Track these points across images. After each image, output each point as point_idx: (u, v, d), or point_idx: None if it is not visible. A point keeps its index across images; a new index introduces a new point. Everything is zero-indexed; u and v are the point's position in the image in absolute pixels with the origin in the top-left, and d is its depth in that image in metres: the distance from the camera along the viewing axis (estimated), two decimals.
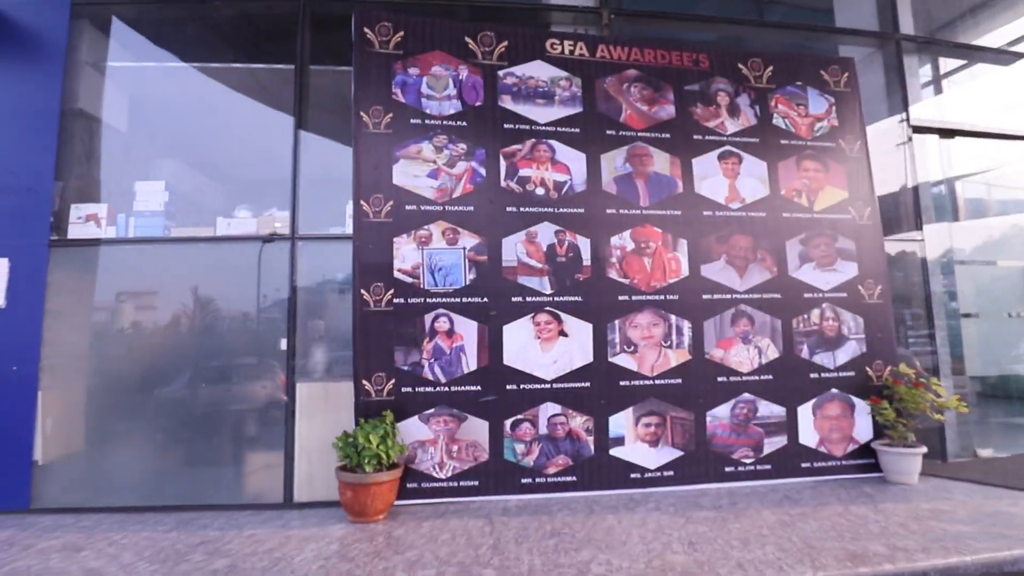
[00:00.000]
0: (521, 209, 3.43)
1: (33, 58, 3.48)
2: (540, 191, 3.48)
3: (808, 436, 3.54)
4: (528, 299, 3.35)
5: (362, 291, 3.20)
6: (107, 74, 3.82)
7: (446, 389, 3.21)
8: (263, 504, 3.20)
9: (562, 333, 3.36)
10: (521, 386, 3.28)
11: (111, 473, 3.29)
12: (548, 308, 3.37)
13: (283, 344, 3.35)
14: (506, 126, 3.50)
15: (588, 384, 3.34)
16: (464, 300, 3.29)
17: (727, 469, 3.40)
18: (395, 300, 3.22)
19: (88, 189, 3.63)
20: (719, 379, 3.49)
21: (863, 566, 2.16)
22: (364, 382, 3.14)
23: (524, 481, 3.20)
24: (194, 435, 3.39)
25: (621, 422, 3.35)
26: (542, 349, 3.33)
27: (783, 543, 2.42)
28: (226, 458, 3.40)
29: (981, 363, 4.52)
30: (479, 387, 3.24)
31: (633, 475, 3.30)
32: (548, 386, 3.30)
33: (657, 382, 3.42)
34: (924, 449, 3.34)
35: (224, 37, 4.15)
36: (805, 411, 3.57)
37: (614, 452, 3.31)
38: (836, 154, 3.96)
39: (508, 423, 3.24)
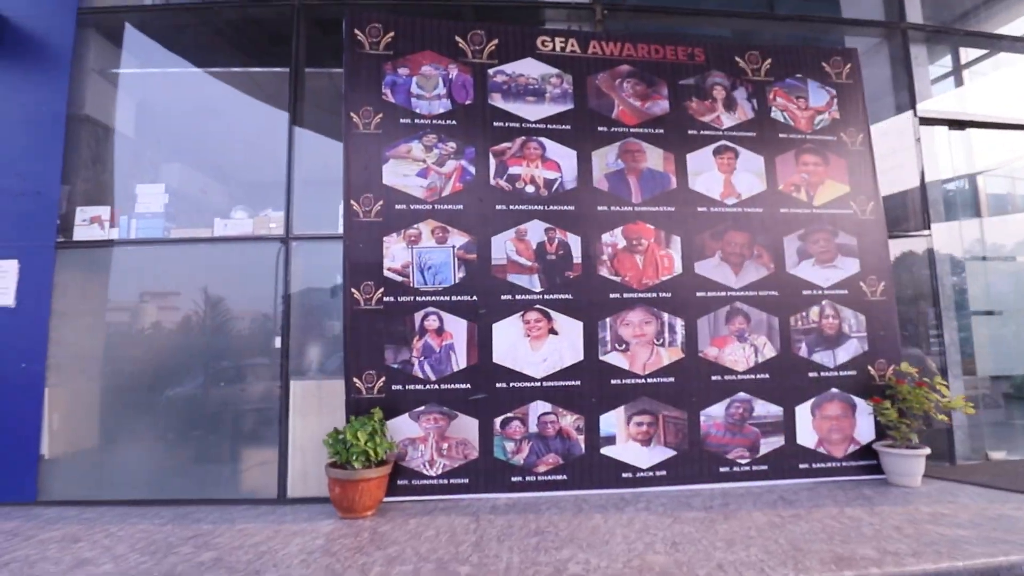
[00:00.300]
0: (511, 207, 3.43)
1: (41, 65, 3.60)
2: (530, 189, 3.47)
3: (807, 436, 3.46)
4: (518, 297, 3.34)
5: (352, 290, 3.23)
6: (111, 80, 3.94)
7: (436, 387, 3.22)
8: (258, 499, 3.26)
9: (552, 331, 3.34)
10: (511, 384, 3.27)
11: (114, 468, 3.39)
12: (538, 306, 3.36)
13: (277, 343, 3.41)
14: (496, 124, 3.50)
15: (579, 382, 3.32)
16: (453, 298, 3.30)
17: (722, 469, 3.34)
18: (385, 299, 3.25)
19: (94, 192, 3.74)
20: (713, 378, 3.43)
21: (848, 569, 2.10)
22: (355, 380, 3.17)
23: (514, 479, 3.20)
24: (193, 432, 3.47)
25: (612, 421, 3.32)
26: (532, 347, 3.32)
27: (769, 545, 2.37)
28: (224, 454, 3.47)
29: (1005, 362, 4.35)
30: (469, 385, 3.25)
31: (625, 474, 3.26)
32: (538, 384, 3.29)
33: (649, 381, 3.38)
34: (927, 450, 3.23)
35: (223, 42, 4.24)
36: (803, 411, 3.48)
37: (605, 451, 3.28)
38: (837, 147, 3.85)
39: (498, 421, 3.24)
